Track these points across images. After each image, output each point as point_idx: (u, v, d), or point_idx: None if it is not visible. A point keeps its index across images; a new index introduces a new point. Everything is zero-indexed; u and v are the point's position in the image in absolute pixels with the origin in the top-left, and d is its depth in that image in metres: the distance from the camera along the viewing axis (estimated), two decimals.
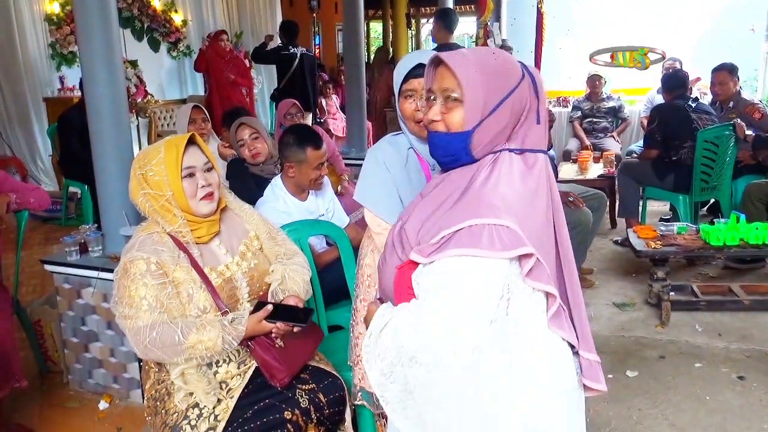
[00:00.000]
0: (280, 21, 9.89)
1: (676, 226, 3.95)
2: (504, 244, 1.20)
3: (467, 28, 15.51)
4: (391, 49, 11.99)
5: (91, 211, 4.93)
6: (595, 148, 6.60)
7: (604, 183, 5.37)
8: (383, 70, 9.12)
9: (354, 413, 2.18)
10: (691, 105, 4.78)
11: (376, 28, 16.24)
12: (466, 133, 1.29)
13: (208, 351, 1.84)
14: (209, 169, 1.97)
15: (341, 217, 3.14)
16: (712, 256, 4.43)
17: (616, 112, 7.02)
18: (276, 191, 2.95)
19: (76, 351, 3.16)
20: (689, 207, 4.76)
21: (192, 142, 1.95)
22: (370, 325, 1.37)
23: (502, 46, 7.78)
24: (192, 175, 1.92)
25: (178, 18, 9.11)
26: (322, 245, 3.03)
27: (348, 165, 5.04)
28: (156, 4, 8.61)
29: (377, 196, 1.91)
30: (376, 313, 1.39)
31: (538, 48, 7.59)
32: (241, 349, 1.97)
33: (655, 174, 4.90)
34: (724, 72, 5.10)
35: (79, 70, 3.06)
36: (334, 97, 8.93)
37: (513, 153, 1.31)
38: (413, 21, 13.77)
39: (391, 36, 12.03)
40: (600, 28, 8.47)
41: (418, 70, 1.76)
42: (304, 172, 2.87)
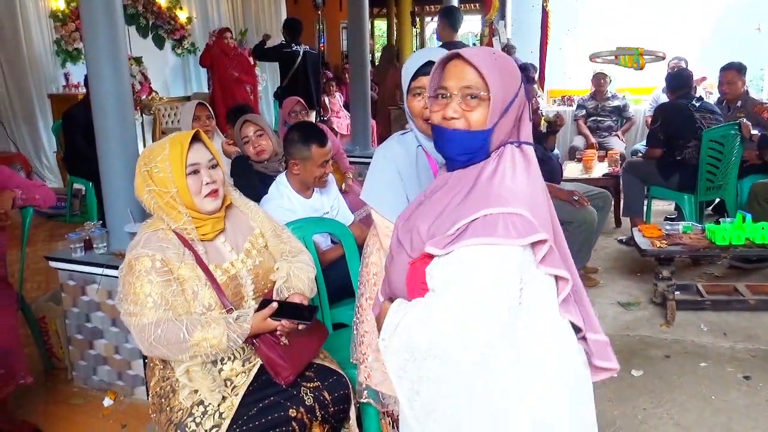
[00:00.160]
0: (284, 18, 9.89)
1: (681, 225, 3.93)
2: (518, 231, 1.23)
3: (472, 27, 15.49)
4: (396, 47, 11.98)
5: (96, 207, 4.94)
6: (599, 147, 6.59)
7: (609, 182, 5.35)
8: (389, 69, 9.10)
9: (358, 411, 2.18)
10: (695, 104, 4.75)
11: (381, 26, 16.25)
12: (488, 131, 1.32)
13: (212, 348, 1.84)
14: (214, 166, 1.97)
15: (346, 215, 3.13)
16: (718, 256, 4.42)
17: (620, 111, 7.00)
18: (281, 188, 2.94)
19: (80, 348, 3.17)
20: (694, 206, 4.74)
21: (197, 139, 1.95)
22: (385, 321, 1.37)
23: (506, 45, 7.78)
24: (196, 172, 1.92)
25: (182, 15, 9.12)
26: (326, 243, 3.03)
27: (352, 163, 5.03)
28: (161, 1, 8.63)
29: (384, 196, 1.89)
30: (390, 309, 1.38)
31: (543, 47, 7.60)
32: (246, 346, 1.97)
33: (660, 173, 4.88)
34: (732, 71, 5.07)
35: (84, 66, 3.05)
36: (338, 95, 8.93)
37: (513, 146, 1.35)
38: (418, 19, 13.75)
39: (395, 34, 12.01)
40: (603, 27, 8.45)
41: (427, 68, 1.74)
42: (308, 169, 2.87)
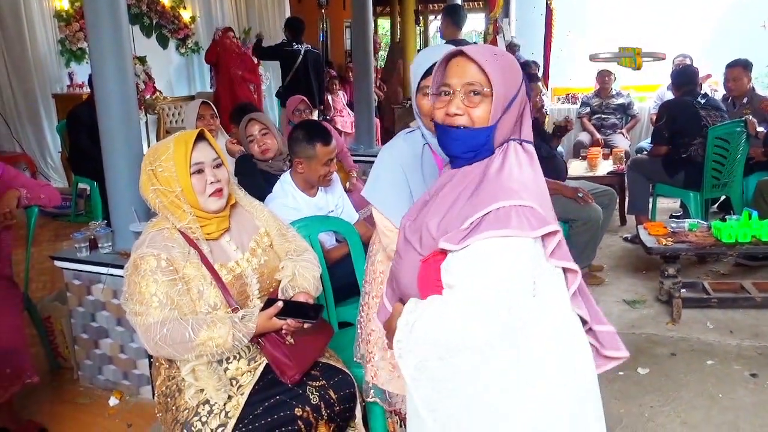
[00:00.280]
0: (288, 17, 9.87)
1: (687, 222, 3.91)
2: (531, 223, 1.24)
3: (475, 25, 15.47)
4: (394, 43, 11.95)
5: (101, 207, 4.94)
6: (604, 144, 6.57)
7: (614, 180, 5.34)
8: (394, 68, 9.10)
9: (364, 410, 2.17)
10: (700, 101, 4.73)
11: (384, 24, 16.22)
12: (491, 128, 1.33)
13: (218, 348, 1.83)
14: (218, 165, 1.96)
15: (351, 214, 3.13)
16: (724, 253, 4.40)
17: (625, 109, 6.98)
18: (285, 187, 2.94)
19: (86, 347, 3.17)
20: (700, 204, 4.72)
21: (201, 138, 1.95)
22: (400, 320, 1.36)
23: (510, 43, 7.76)
24: (201, 171, 1.92)
25: (186, 14, 9.12)
26: (331, 242, 3.02)
27: (356, 162, 5.02)
28: (165, 0, 8.63)
29: (388, 196, 1.88)
30: (405, 309, 1.38)
31: (547, 44, 7.58)
32: (251, 345, 1.97)
33: (665, 171, 4.86)
34: (738, 68, 5.05)
35: (89, 66, 3.06)
36: (341, 93, 8.90)
37: (516, 143, 1.36)
38: (421, 18, 13.72)
39: (399, 33, 11.99)
40: (605, 26, 8.43)
41: None
42: (313, 168, 2.86)
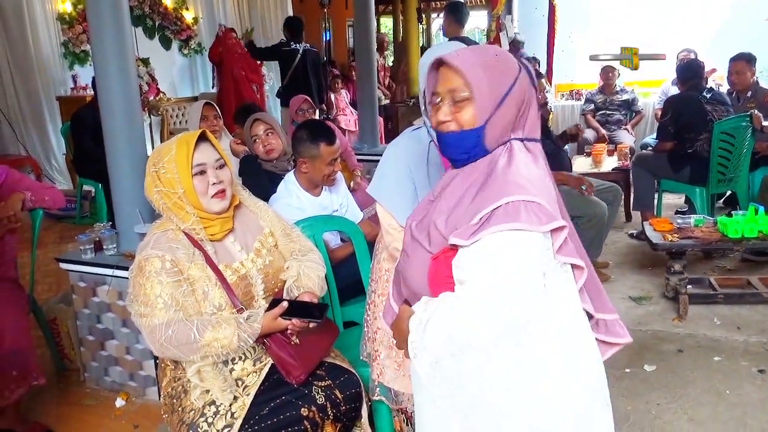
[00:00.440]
0: (287, 17, 9.85)
1: (692, 218, 3.89)
2: (540, 218, 1.24)
3: (478, 22, 15.44)
4: (400, 42, 11.92)
5: (105, 209, 4.94)
6: (609, 140, 6.55)
7: (619, 176, 5.32)
8: (399, 66, 9.09)
9: (370, 409, 2.17)
10: (705, 96, 4.70)
11: (387, 23, 16.21)
12: (480, 129, 1.33)
13: (223, 348, 1.83)
14: (221, 166, 1.96)
15: (355, 213, 3.12)
16: (730, 249, 4.37)
17: (629, 105, 6.95)
18: (289, 187, 2.93)
19: (92, 349, 3.18)
20: (706, 199, 4.70)
21: (204, 138, 1.95)
22: (412, 319, 1.36)
23: (513, 40, 7.75)
24: (203, 172, 1.91)
25: (189, 15, 9.11)
26: (336, 241, 3.02)
27: (360, 161, 5.02)
28: (167, 2, 8.63)
29: (393, 194, 1.88)
30: (417, 307, 1.38)
31: (551, 41, 7.57)
32: (256, 346, 1.97)
33: (670, 166, 4.83)
34: (741, 62, 5.02)
35: (92, 68, 3.07)
36: (344, 91, 8.89)
37: (518, 142, 1.36)
38: (424, 16, 13.70)
39: (401, 31, 11.97)
40: (608, 25, 8.39)
41: None
42: (317, 167, 2.86)
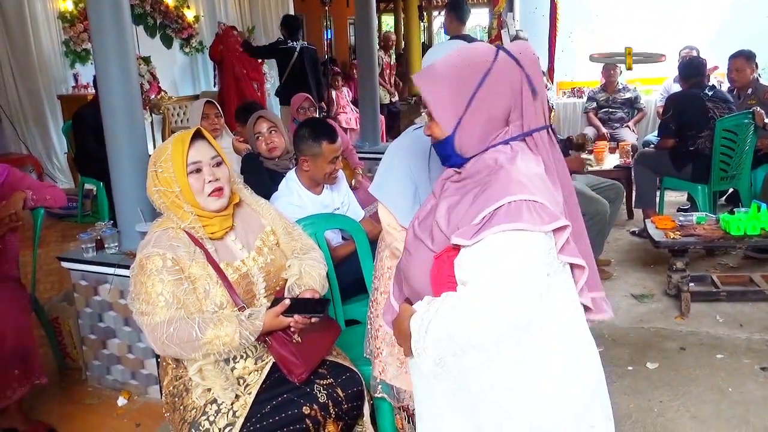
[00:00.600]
0: (283, 15, 9.83)
1: (695, 216, 3.89)
2: (542, 218, 1.24)
3: (479, 20, 15.44)
4: (403, 43, 11.96)
5: (107, 207, 4.94)
6: (611, 138, 6.53)
7: (621, 174, 5.30)
8: (399, 64, 9.10)
9: (372, 407, 2.17)
10: (707, 93, 4.69)
11: (388, 21, 16.21)
12: (449, 138, 1.36)
13: (225, 347, 1.83)
14: (218, 163, 1.94)
15: (357, 211, 3.12)
16: (733, 246, 4.37)
17: (632, 103, 6.93)
18: (290, 185, 2.93)
19: (94, 347, 3.18)
20: (708, 197, 4.69)
21: (200, 136, 1.93)
22: (414, 320, 1.36)
23: (516, 37, 7.73)
24: (199, 170, 1.90)
25: (190, 14, 9.12)
26: (337, 239, 3.01)
27: (362, 159, 5.01)
28: (168, 0, 8.63)
29: (394, 193, 1.88)
30: (419, 306, 1.38)
31: (552, 38, 7.55)
32: (258, 344, 1.97)
33: (672, 164, 4.82)
34: (741, 59, 5.00)
35: (93, 67, 3.06)
36: (345, 89, 8.88)
37: (518, 140, 1.35)
38: (425, 13, 13.71)
39: (403, 29, 11.99)
40: (609, 24, 8.38)
41: None
42: (319, 165, 2.85)
